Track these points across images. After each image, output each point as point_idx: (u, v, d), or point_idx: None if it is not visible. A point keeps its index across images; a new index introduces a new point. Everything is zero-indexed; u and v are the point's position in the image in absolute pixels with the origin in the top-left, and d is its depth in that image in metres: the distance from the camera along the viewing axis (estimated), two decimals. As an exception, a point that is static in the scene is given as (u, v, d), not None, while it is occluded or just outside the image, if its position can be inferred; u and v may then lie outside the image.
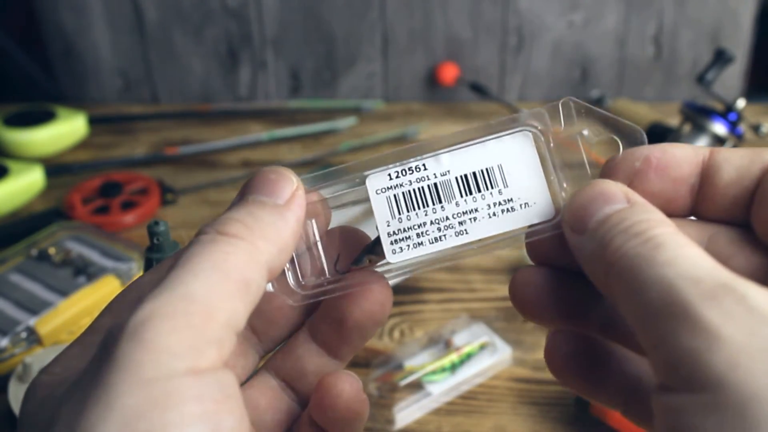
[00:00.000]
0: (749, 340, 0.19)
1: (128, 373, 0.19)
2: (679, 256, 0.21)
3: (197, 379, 0.20)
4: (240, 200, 0.25)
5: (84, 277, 0.66)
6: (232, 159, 0.91)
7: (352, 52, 1.03)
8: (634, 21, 1.01)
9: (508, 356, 0.59)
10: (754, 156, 0.25)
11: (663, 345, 0.20)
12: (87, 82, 1.05)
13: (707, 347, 0.19)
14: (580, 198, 0.25)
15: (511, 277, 0.28)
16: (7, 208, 0.81)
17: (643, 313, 0.21)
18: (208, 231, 0.23)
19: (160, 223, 0.44)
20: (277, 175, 0.26)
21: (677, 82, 1.05)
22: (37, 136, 0.90)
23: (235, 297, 0.22)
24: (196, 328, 0.21)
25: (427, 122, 0.98)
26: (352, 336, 0.28)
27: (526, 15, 1.00)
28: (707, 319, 0.19)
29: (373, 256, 0.28)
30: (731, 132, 0.80)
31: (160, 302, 0.21)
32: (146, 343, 0.20)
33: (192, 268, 0.22)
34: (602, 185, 0.25)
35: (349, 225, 0.29)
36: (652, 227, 0.22)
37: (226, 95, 1.06)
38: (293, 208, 0.25)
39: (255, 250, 0.23)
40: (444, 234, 0.28)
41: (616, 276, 0.22)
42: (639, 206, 0.24)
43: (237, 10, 1.00)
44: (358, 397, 0.27)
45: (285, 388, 0.29)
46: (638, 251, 0.22)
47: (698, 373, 0.19)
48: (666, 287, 0.20)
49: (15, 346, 0.58)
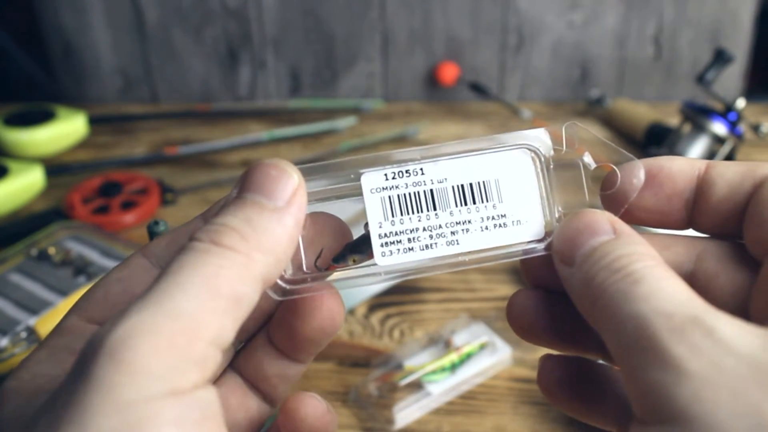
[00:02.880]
0: (714, 373, 0.20)
1: (104, 394, 0.19)
2: (655, 291, 0.22)
3: (176, 400, 0.19)
4: (237, 199, 0.24)
5: (84, 277, 0.66)
6: (232, 159, 0.91)
7: (352, 52, 1.03)
8: (634, 21, 1.01)
9: (508, 356, 0.59)
10: (747, 172, 0.25)
11: (634, 378, 0.21)
12: (87, 82, 1.05)
13: (673, 381, 0.20)
14: (568, 229, 0.25)
15: (508, 299, 0.28)
16: (7, 208, 0.81)
17: (620, 346, 0.22)
18: (203, 239, 0.22)
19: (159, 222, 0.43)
20: (279, 171, 0.24)
21: (677, 82, 1.05)
22: (37, 136, 0.90)
23: (224, 314, 0.21)
24: (179, 347, 0.20)
25: (427, 122, 0.98)
26: (305, 346, 0.28)
27: (526, 15, 1.00)
28: (674, 353, 0.20)
29: (358, 256, 0.27)
30: (731, 132, 0.80)
31: (143, 317, 0.20)
32: (125, 363, 0.19)
33: (181, 281, 0.21)
34: (589, 216, 0.25)
35: (333, 215, 0.28)
36: (634, 261, 0.23)
37: (226, 95, 1.06)
38: (293, 210, 0.24)
39: (250, 263, 0.22)
40: (435, 242, 0.27)
41: (599, 310, 0.23)
42: (624, 238, 0.24)
43: (237, 10, 1.00)
44: (323, 420, 0.27)
45: (251, 389, 0.29)
46: (618, 287, 0.22)
47: (665, 406, 0.20)
48: (640, 323, 0.21)
49: (15, 345, 0.58)
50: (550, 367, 0.28)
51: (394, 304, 0.66)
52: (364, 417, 0.55)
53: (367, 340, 0.62)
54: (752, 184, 0.25)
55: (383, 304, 0.66)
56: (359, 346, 0.62)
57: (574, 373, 0.28)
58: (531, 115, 0.96)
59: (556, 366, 0.28)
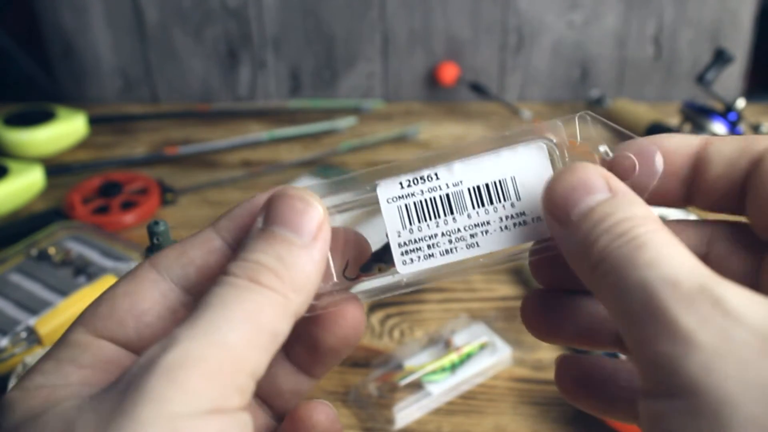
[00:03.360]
0: (723, 344, 0.19)
1: (156, 405, 0.20)
2: (660, 257, 0.21)
3: (220, 418, 0.21)
4: (265, 232, 0.24)
5: (84, 277, 0.66)
6: (232, 159, 0.91)
7: (351, 52, 1.03)
8: (634, 21, 1.01)
9: (508, 356, 0.59)
10: (744, 147, 0.25)
11: (642, 349, 0.21)
12: (87, 82, 1.05)
13: (682, 352, 0.19)
14: (560, 185, 0.24)
15: (522, 301, 0.28)
16: (7, 208, 0.81)
17: (625, 315, 0.21)
18: (240, 275, 0.23)
19: (160, 223, 0.43)
20: (305, 204, 0.24)
21: (677, 82, 1.05)
22: (37, 136, 0.90)
23: (263, 349, 0.22)
24: (225, 375, 0.21)
25: (427, 122, 0.98)
26: (325, 358, 0.28)
27: (526, 15, 1.00)
28: (683, 324, 0.20)
29: (383, 264, 0.28)
30: (731, 132, 0.80)
31: (194, 345, 0.21)
32: (178, 382, 0.20)
33: (227, 314, 0.22)
34: (582, 171, 0.24)
35: (353, 228, 0.28)
36: (637, 225, 0.22)
37: (226, 95, 1.06)
38: (320, 246, 0.24)
39: (287, 303, 0.23)
40: (455, 246, 0.27)
41: (601, 276, 0.22)
42: (621, 197, 0.23)
43: (237, 10, 1.00)
44: (333, 428, 0.27)
45: (261, 405, 0.29)
46: (621, 252, 0.22)
47: (674, 378, 0.20)
48: (647, 291, 0.21)
49: (15, 346, 0.58)
50: (566, 366, 0.28)
51: (394, 304, 0.66)
52: (364, 417, 0.55)
53: (367, 340, 0.62)
54: (749, 160, 0.25)
55: (383, 304, 0.66)
56: (359, 346, 0.62)
57: (590, 370, 0.27)
58: (531, 115, 0.96)
59: (573, 365, 0.28)
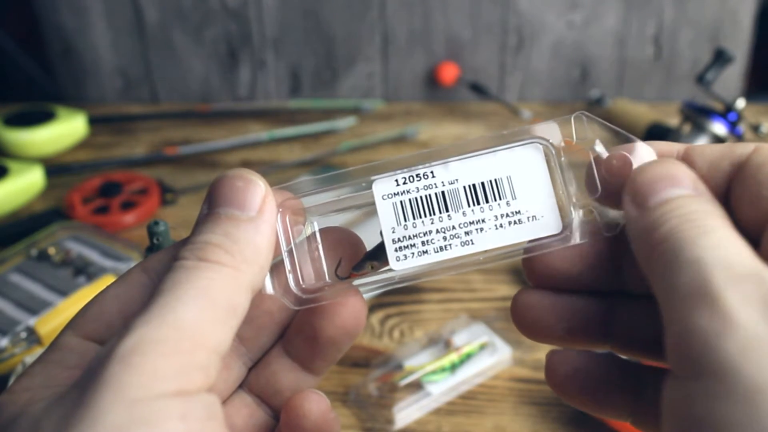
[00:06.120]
0: (764, 328, 0.19)
1: (115, 393, 0.20)
2: (722, 242, 0.21)
3: (183, 399, 0.20)
4: (211, 214, 0.25)
5: (84, 277, 0.66)
6: (232, 159, 0.91)
7: (351, 52, 1.03)
8: (634, 21, 1.01)
9: (508, 356, 0.59)
10: (726, 151, 0.25)
11: (679, 324, 0.20)
12: (87, 82, 1.05)
13: (721, 329, 0.19)
14: (649, 173, 0.24)
15: (513, 299, 0.28)
16: (7, 208, 0.81)
17: (671, 290, 0.21)
18: (189, 257, 0.23)
19: (159, 223, 0.44)
20: (245, 182, 0.25)
21: (677, 82, 1.05)
22: (37, 136, 0.90)
23: (222, 323, 0.22)
24: (184, 354, 0.21)
25: (427, 122, 0.98)
26: (326, 350, 0.28)
27: (526, 15, 1.00)
28: (727, 301, 0.19)
29: (376, 263, 0.28)
30: (731, 132, 0.80)
31: (149, 329, 0.21)
32: (135, 366, 0.20)
33: (179, 295, 0.22)
34: (673, 166, 0.24)
35: (348, 228, 0.28)
36: (709, 217, 0.22)
37: (226, 95, 1.06)
38: (266, 217, 0.25)
39: (239, 275, 0.23)
40: (449, 243, 0.27)
41: (659, 254, 0.22)
42: (705, 197, 0.24)
43: (237, 10, 1.00)
44: (326, 417, 0.27)
45: (260, 404, 0.29)
46: (686, 234, 0.22)
47: (708, 356, 0.19)
48: (700, 266, 0.20)
49: (15, 346, 0.58)
50: (557, 362, 0.28)
51: (394, 304, 0.66)
52: (364, 417, 0.55)
53: (366, 340, 0.62)
54: (730, 163, 0.25)
55: (383, 304, 0.66)
56: (359, 346, 0.62)
57: (582, 366, 0.27)
58: (531, 115, 0.96)
59: (563, 361, 0.28)
